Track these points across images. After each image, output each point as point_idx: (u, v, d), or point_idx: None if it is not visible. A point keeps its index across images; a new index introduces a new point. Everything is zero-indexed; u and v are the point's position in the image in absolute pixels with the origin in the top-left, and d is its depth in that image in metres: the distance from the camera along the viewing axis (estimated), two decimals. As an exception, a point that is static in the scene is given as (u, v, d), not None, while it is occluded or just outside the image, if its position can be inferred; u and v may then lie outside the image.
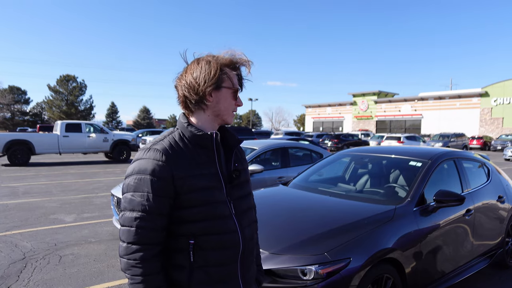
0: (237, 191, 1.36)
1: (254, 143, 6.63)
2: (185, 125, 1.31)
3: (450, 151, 3.99)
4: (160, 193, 1.19)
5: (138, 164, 1.22)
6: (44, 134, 15.56)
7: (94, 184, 10.03)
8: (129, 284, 1.21)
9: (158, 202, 1.19)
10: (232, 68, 1.32)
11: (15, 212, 6.64)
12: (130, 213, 1.20)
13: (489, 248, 3.94)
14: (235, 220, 1.30)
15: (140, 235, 1.18)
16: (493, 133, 39.78)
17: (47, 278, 3.85)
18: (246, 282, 1.35)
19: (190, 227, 1.23)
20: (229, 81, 1.30)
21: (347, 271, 2.38)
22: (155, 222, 1.19)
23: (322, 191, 3.72)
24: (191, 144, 1.29)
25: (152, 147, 1.24)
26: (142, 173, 1.20)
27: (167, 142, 1.26)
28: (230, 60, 1.31)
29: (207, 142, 1.29)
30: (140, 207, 1.18)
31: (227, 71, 1.30)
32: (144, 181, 1.19)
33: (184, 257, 1.24)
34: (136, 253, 1.18)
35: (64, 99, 57.41)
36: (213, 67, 1.27)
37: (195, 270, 1.24)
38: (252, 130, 23.87)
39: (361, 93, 54.80)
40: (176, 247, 1.25)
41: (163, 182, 1.19)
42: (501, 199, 4.16)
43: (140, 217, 1.18)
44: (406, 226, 2.89)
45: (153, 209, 1.19)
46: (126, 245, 1.19)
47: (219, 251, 1.26)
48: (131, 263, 1.18)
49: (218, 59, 1.30)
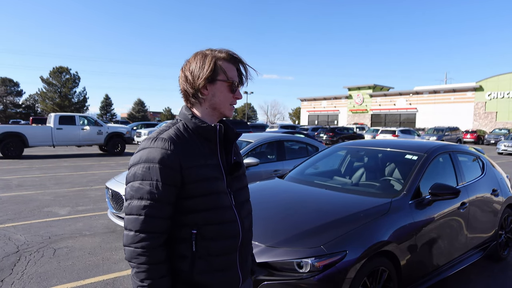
0: (237, 182, 1.39)
1: (249, 136, 6.61)
2: (189, 117, 1.32)
3: (445, 145, 4.00)
4: (169, 181, 1.21)
5: (146, 152, 1.23)
6: (37, 126, 15.40)
7: (88, 177, 9.97)
8: (135, 273, 1.21)
9: (167, 190, 1.20)
10: (229, 62, 1.32)
11: (9, 205, 6.58)
12: (138, 201, 1.20)
13: (483, 241, 3.98)
14: (235, 210, 1.34)
15: (148, 223, 1.19)
16: (486, 127, 40.10)
17: (41, 271, 3.83)
18: (244, 272, 1.39)
19: (194, 216, 1.25)
20: (224, 75, 1.30)
21: (343, 263, 2.39)
22: (163, 210, 1.21)
23: (318, 184, 3.72)
24: (194, 135, 1.31)
25: (159, 137, 1.25)
26: (151, 161, 1.21)
27: (173, 132, 1.28)
28: (226, 53, 1.32)
29: (210, 134, 1.31)
30: (149, 195, 1.19)
31: (223, 64, 1.31)
32: (153, 170, 1.20)
33: (186, 247, 1.26)
34: (144, 242, 1.18)
35: (57, 91, 56.71)
36: (208, 61, 1.29)
37: (197, 260, 1.26)
38: (247, 123, 23.83)
39: (357, 86, 54.84)
40: (179, 237, 1.27)
41: (171, 170, 1.21)
42: (495, 192, 4.19)
43: (149, 205, 1.19)
44: (402, 219, 2.90)
45: (162, 198, 1.20)
46: (133, 234, 1.19)
47: (220, 241, 1.29)
48: (138, 251, 1.19)
49: (214, 53, 1.31)
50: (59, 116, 15.21)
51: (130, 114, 74.96)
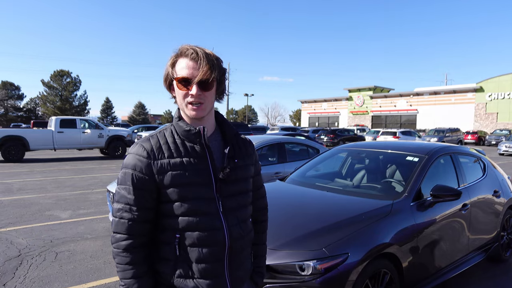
0: (230, 187, 1.33)
1: (250, 138, 6.61)
2: (176, 120, 1.33)
3: (446, 146, 4.01)
4: (140, 186, 1.23)
5: (126, 158, 1.28)
6: (38, 130, 15.41)
7: (90, 180, 9.98)
8: (117, 271, 1.27)
9: (137, 195, 1.23)
10: (179, 56, 1.25)
11: (10, 209, 6.59)
12: (116, 204, 1.26)
13: (484, 242, 3.97)
14: (222, 217, 1.28)
15: (123, 226, 1.24)
16: (487, 128, 40.06)
17: (43, 275, 3.83)
18: (234, 281, 1.33)
19: (173, 221, 1.26)
20: (175, 73, 1.25)
21: (345, 266, 2.38)
22: (135, 214, 1.24)
23: (319, 187, 3.72)
24: (180, 140, 1.30)
25: (139, 143, 1.29)
26: (126, 167, 1.26)
27: (155, 137, 1.30)
28: (179, 50, 1.26)
29: (194, 138, 1.28)
30: (123, 199, 1.25)
31: (177, 61, 1.25)
32: (127, 175, 1.25)
33: (170, 250, 1.27)
34: (120, 242, 1.24)
35: (58, 94, 56.83)
36: (167, 62, 1.28)
37: (179, 264, 1.27)
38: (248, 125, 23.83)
39: (357, 88, 54.84)
40: (163, 240, 1.29)
41: (143, 176, 1.23)
42: (496, 193, 4.19)
43: (122, 208, 1.24)
44: (403, 221, 2.89)
45: (134, 202, 1.23)
46: (112, 235, 1.27)
47: (201, 248, 1.26)
48: (116, 251, 1.25)
49: (173, 53, 1.28)
50: (60, 119, 15.23)
51: (131, 117, 75.03)
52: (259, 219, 1.56)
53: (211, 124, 1.35)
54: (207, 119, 1.33)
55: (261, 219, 1.57)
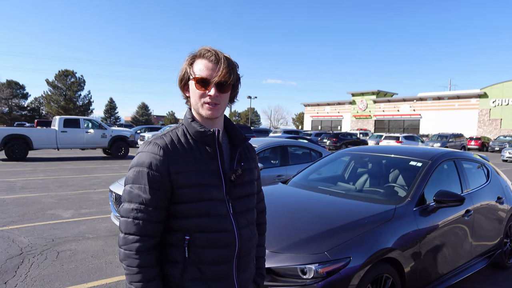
0: (239, 190, 1.35)
1: (253, 141, 6.61)
2: (189, 121, 1.32)
3: (450, 152, 3.99)
4: (156, 186, 1.21)
5: (139, 157, 1.25)
6: (42, 129, 15.47)
7: (92, 180, 10.00)
8: (125, 274, 1.23)
9: (154, 195, 1.21)
10: (199, 57, 1.28)
11: (13, 207, 6.61)
12: (128, 204, 1.22)
13: (487, 249, 3.94)
14: (232, 219, 1.29)
15: (136, 226, 1.20)
16: (491, 134, 39.88)
17: (44, 273, 3.84)
18: (241, 283, 1.34)
19: (184, 223, 1.24)
20: (192, 73, 1.28)
21: (347, 270, 2.37)
22: (151, 214, 1.21)
23: (321, 190, 3.71)
24: (193, 140, 1.29)
25: (153, 141, 1.26)
26: (140, 165, 1.23)
27: (169, 137, 1.28)
28: (199, 50, 1.29)
29: (208, 139, 1.29)
30: (137, 199, 1.21)
31: (195, 61, 1.28)
32: (142, 174, 1.22)
33: (179, 253, 1.25)
34: (132, 244, 1.20)
35: (63, 94, 57.11)
36: (184, 62, 1.30)
37: (189, 266, 1.25)
38: (250, 128, 23.85)
39: (360, 92, 54.79)
40: (172, 242, 1.26)
41: (159, 175, 1.21)
42: (500, 200, 4.17)
43: (137, 208, 1.20)
44: (406, 226, 2.88)
45: (149, 202, 1.21)
46: (123, 236, 1.22)
47: (212, 250, 1.25)
48: (127, 254, 1.20)
49: (191, 54, 1.30)
50: (64, 119, 15.28)
51: (134, 117, 75.30)
52: (259, 222, 1.59)
53: (220, 126, 1.37)
54: (218, 121, 1.34)
55: (261, 222, 1.61)
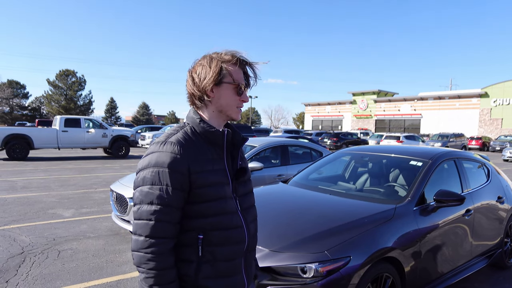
0: (242, 188, 1.39)
1: (253, 140, 6.62)
2: (197, 121, 1.31)
3: (450, 151, 3.99)
4: (178, 186, 1.20)
5: (155, 157, 1.21)
6: (43, 128, 15.51)
7: (93, 179, 10.02)
8: (144, 278, 1.19)
9: (176, 195, 1.20)
10: (235, 64, 1.31)
11: (14, 207, 6.63)
12: (148, 206, 1.19)
13: (488, 248, 3.95)
14: (241, 216, 1.33)
15: (159, 229, 1.18)
16: (492, 133, 39.84)
17: (45, 272, 3.85)
18: (249, 277, 1.39)
19: (201, 221, 1.25)
20: (229, 77, 1.29)
21: (347, 269, 2.38)
22: (173, 215, 1.20)
23: (322, 189, 3.72)
24: (202, 140, 1.30)
25: (168, 140, 1.24)
26: (160, 166, 1.20)
27: (182, 135, 1.27)
28: (232, 55, 1.31)
29: (218, 139, 1.30)
30: (159, 200, 1.18)
31: (229, 66, 1.30)
32: (163, 174, 1.19)
33: (192, 252, 1.25)
34: (154, 247, 1.17)
35: (63, 94, 57.21)
36: (214, 63, 1.29)
37: (203, 265, 1.25)
38: (251, 127, 23.85)
39: (361, 92, 54.76)
40: (185, 242, 1.26)
41: (181, 175, 1.20)
42: (500, 199, 4.17)
43: (159, 210, 1.18)
44: (406, 226, 2.89)
45: (172, 202, 1.19)
46: (143, 239, 1.18)
47: (227, 247, 1.28)
48: (148, 257, 1.17)
49: (220, 55, 1.31)
50: (65, 118, 15.30)
51: (135, 117, 75.35)
52: None
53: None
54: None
55: None
